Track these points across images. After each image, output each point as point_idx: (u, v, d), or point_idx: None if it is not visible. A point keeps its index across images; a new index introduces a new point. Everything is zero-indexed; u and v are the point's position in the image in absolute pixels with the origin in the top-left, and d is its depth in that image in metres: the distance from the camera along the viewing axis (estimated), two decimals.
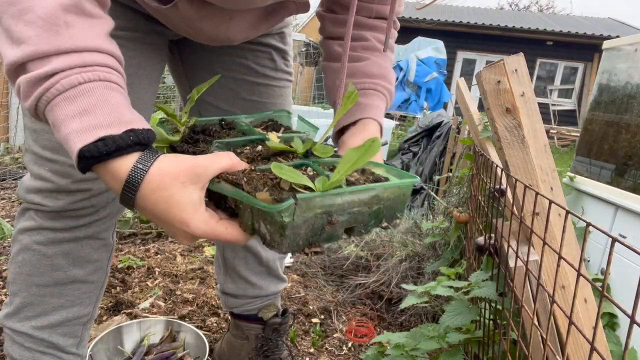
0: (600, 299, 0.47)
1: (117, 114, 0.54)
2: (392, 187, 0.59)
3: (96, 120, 0.52)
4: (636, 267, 1.47)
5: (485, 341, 1.03)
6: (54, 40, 0.53)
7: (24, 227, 0.96)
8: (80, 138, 0.51)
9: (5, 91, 3.94)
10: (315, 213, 0.53)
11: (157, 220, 0.55)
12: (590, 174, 2.04)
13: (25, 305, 0.98)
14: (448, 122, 4.47)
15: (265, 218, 0.52)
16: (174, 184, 0.53)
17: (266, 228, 0.53)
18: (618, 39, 2.11)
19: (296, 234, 0.52)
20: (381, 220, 0.59)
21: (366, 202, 0.57)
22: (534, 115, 0.78)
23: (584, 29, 12.92)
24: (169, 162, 0.54)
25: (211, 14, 0.84)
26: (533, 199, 0.73)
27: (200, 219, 0.53)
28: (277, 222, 0.51)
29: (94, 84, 0.54)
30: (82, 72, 0.53)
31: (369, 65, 0.90)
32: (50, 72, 0.52)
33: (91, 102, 0.53)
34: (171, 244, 2.39)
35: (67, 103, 0.52)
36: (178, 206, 0.52)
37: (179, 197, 0.52)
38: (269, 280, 1.31)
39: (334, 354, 1.60)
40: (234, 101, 1.11)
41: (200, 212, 0.53)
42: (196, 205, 0.53)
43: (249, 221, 0.55)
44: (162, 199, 0.52)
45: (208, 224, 0.53)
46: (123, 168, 0.53)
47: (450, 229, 1.90)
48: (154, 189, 0.52)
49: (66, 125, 0.52)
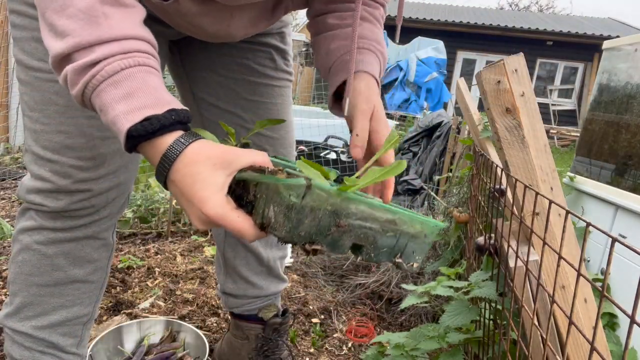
0: (600, 299, 0.47)
1: (158, 96, 0.58)
2: (413, 221, 0.57)
3: (140, 102, 0.57)
4: (636, 267, 1.47)
5: (485, 341, 1.03)
6: (95, 31, 0.57)
7: (24, 227, 0.96)
8: (128, 119, 0.56)
9: (5, 91, 3.94)
10: (325, 209, 0.52)
11: (180, 195, 0.57)
12: (590, 174, 2.04)
13: (26, 305, 0.98)
14: (448, 122, 4.47)
15: (274, 200, 0.52)
16: (206, 162, 0.56)
17: (273, 211, 0.53)
18: (618, 39, 2.11)
19: (300, 221, 0.52)
20: (395, 254, 0.57)
21: (380, 222, 0.55)
22: (534, 115, 0.78)
23: (584, 29, 12.92)
24: (206, 144, 0.58)
25: (212, 11, 0.84)
26: (533, 199, 0.73)
27: (218, 202, 0.55)
28: (285, 200, 0.51)
29: (135, 69, 0.58)
30: (123, 59, 0.57)
31: (362, 28, 0.89)
32: (94, 61, 0.57)
33: (133, 85, 0.57)
34: (171, 244, 2.39)
35: (112, 88, 0.57)
36: (202, 183, 0.55)
37: (206, 176, 0.55)
38: (270, 280, 1.31)
39: (334, 354, 1.60)
40: (235, 101, 1.11)
41: (220, 195, 0.56)
42: (218, 188, 0.55)
43: (261, 209, 0.54)
44: (190, 174, 0.56)
45: (223, 208, 0.55)
46: (163, 144, 0.57)
47: (450, 229, 1.91)
48: (186, 163, 0.56)
49: (113, 108, 0.56)
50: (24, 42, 0.84)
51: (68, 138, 0.86)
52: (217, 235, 1.31)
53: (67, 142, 0.87)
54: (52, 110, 0.85)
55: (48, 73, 0.83)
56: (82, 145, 0.87)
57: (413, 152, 4.79)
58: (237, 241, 1.26)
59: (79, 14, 0.57)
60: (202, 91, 1.12)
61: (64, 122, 0.86)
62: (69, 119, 0.86)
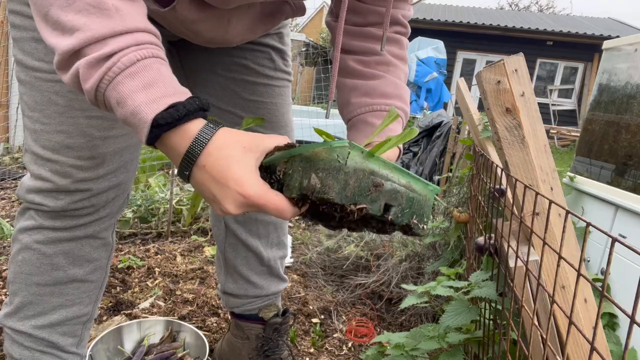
0: (600, 299, 0.47)
1: (175, 85, 0.59)
2: (421, 183, 0.61)
3: (161, 91, 0.56)
4: (636, 267, 1.47)
5: (485, 341, 1.03)
6: (108, 24, 0.56)
7: (24, 226, 0.96)
8: (152, 108, 0.55)
9: (5, 91, 3.94)
10: (364, 170, 0.55)
11: (211, 181, 0.57)
12: (590, 174, 2.04)
13: (25, 304, 0.98)
14: (448, 122, 4.47)
15: (317, 166, 0.55)
16: (237, 145, 0.57)
17: (317, 177, 0.55)
18: (618, 39, 2.11)
19: (346, 182, 0.54)
20: (413, 214, 0.60)
21: (403, 184, 0.58)
22: (534, 115, 0.78)
23: (584, 29, 12.91)
24: (232, 130, 0.59)
25: (209, 17, 0.84)
26: (533, 199, 0.73)
27: (257, 182, 0.56)
28: (332, 163, 0.54)
29: (150, 60, 0.58)
30: (137, 50, 0.57)
31: (385, 84, 0.89)
32: (110, 53, 0.55)
33: (151, 76, 0.57)
34: (171, 244, 2.39)
35: (130, 79, 0.56)
36: (239, 165, 0.56)
37: (240, 158, 0.56)
38: (270, 280, 1.31)
39: (334, 354, 1.60)
40: (235, 101, 1.11)
41: (257, 176, 0.57)
42: (253, 170, 0.57)
43: (297, 182, 0.56)
44: (224, 157, 0.56)
45: (262, 188, 0.56)
46: (192, 129, 0.57)
47: (450, 229, 1.91)
48: (219, 146, 0.56)
49: (133, 99, 0.56)
50: (23, 43, 0.84)
51: (68, 138, 0.86)
52: (218, 235, 1.31)
53: (67, 142, 0.87)
54: (52, 110, 0.85)
55: (48, 73, 0.83)
56: (82, 145, 0.87)
57: (413, 152, 4.79)
58: (238, 241, 1.26)
59: (88, 8, 0.56)
60: (202, 92, 1.12)
61: (63, 122, 0.86)
62: (69, 119, 0.86)
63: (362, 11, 0.90)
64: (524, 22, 13.43)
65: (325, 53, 6.96)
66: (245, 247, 1.26)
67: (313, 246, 2.47)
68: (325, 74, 5.69)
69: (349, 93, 0.90)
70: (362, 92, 0.88)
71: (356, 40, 0.91)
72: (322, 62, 8.92)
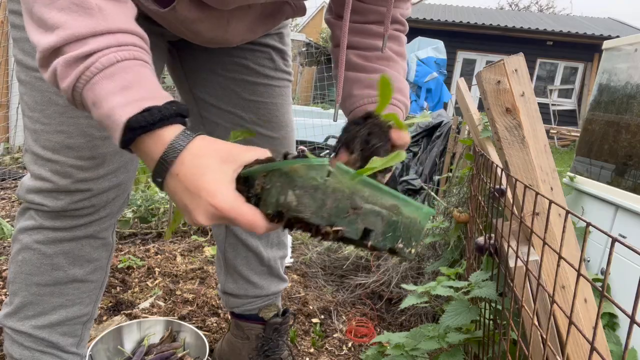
0: (600, 299, 0.47)
1: (154, 89, 0.57)
2: (412, 206, 0.58)
3: (137, 94, 0.55)
4: (636, 267, 1.47)
5: (485, 341, 1.03)
6: (89, 23, 0.55)
7: (24, 226, 0.96)
8: (126, 110, 0.53)
9: (5, 91, 3.94)
10: (344, 191, 0.53)
11: (183, 190, 0.55)
12: (590, 174, 2.04)
13: (25, 304, 0.98)
14: (448, 122, 4.46)
15: (295, 183, 0.53)
16: (214, 155, 0.55)
17: (294, 194, 0.53)
18: (618, 39, 2.11)
19: (324, 201, 0.52)
20: (397, 238, 0.57)
21: (387, 207, 0.56)
22: (534, 115, 0.78)
23: (584, 29, 12.91)
24: (210, 139, 0.57)
25: (209, 17, 0.84)
26: (533, 199, 0.73)
27: (230, 194, 0.53)
28: (309, 181, 0.52)
29: (130, 62, 0.56)
30: (118, 51, 0.56)
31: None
32: (88, 52, 0.54)
33: (129, 78, 0.55)
34: (171, 244, 2.39)
35: (107, 80, 0.55)
36: (213, 175, 0.53)
37: (216, 168, 0.54)
38: (270, 280, 1.31)
39: (334, 354, 1.60)
40: (235, 101, 1.11)
41: (231, 188, 0.54)
42: (228, 181, 0.54)
43: (274, 198, 0.54)
44: (198, 166, 0.54)
45: (235, 200, 0.53)
46: (167, 135, 0.55)
47: (450, 229, 1.91)
48: (194, 155, 0.54)
49: (108, 100, 0.54)
50: (23, 43, 0.84)
51: (68, 138, 0.86)
52: (218, 235, 1.31)
53: (67, 142, 0.87)
54: (52, 110, 0.85)
55: None
56: (82, 145, 0.87)
57: (413, 152, 4.78)
58: (238, 241, 1.26)
59: (71, 6, 0.55)
60: (202, 92, 1.12)
61: (64, 122, 0.86)
62: (69, 119, 0.86)
63: (362, 11, 0.91)
64: (524, 22, 13.43)
65: (326, 53, 6.96)
66: (245, 247, 1.26)
67: (313, 246, 2.47)
68: (326, 73, 5.69)
69: (352, 85, 0.90)
70: (365, 84, 0.89)
71: (357, 36, 0.91)
72: (323, 62, 8.93)
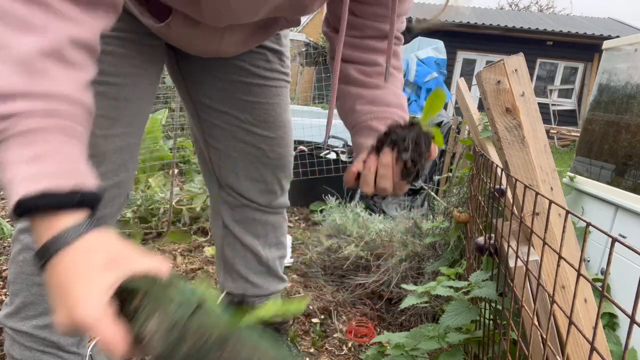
0: (600, 299, 0.47)
1: (68, 165, 0.52)
2: None
3: (46, 169, 0.50)
4: (636, 267, 1.47)
5: (485, 341, 1.03)
6: (25, 83, 0.51)
7: (25, 226, 0.96)
8: (24, 186, 0.49)
9: None
10: (211, 335, 0.48)
11: (55, 285, 0.50)
12: (590, 174, 2.04)
13: (26, 304, 0.98)
14: (448, 122, 4.47)
15: (159, 312, 0.48)
16: (98, 257, 0.50)
17: (155, 323, 0.47)
18: (618, 39, 2.11)
19: (180, 340, 0.47)
20: None
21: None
22: (534, 115, 0.78)
23: (584, 29, 12.91)
24: (106, 237, 0.53)
25: (202, 32, 0.86)
26: (533, 199, 0.73)
27: (95, 307, 0.47)
28: (169, 315, 0.47)
29: (52, 135, 0.52)
30: (43, 118, 0.51)
31: (388, 94, 0.92)
32: (11, 113, 0.50)
33: (45, 149, 0.51)
34: (171, 244, 2.39)
35: (20, 147, 0.50)
36: (85, 281, 0.48)
37: (93, 273, 0.49)
38: (269, 279, 1.31)
39: (334, 354, 1.60)
40: (231, 102, 1.11)
41: (101, 300, 0.48)
42: (100, 291, 0.48)
43: (141, 320, 0.48)
44: (74, 268, 0.49)
45: (98, 315, 0.47)
46: (59, 224, 0.50)
47: (450, 229, 1.90)
48: (80, 252, 0.50)
49: (12, 169, 0.50)
50: None
51: None
52: (216, 235, 1.31)
53: None
54: None
55: None
56: None
57: None
58: (236, 240, 1.26)
59: (10, 61, 0.51)
60: (198, 93, 1.12)
61: None
62: None
63: (359, 26, 0.92)
64: (524, 22, 13.43)
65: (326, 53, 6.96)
66: (243, 246, 1.26)
67: (313, 246, 2.47)
68: (326, 73, 5.69)
69: (354, 101, 0.92)
70: (367, 100, 0.91)
71: (357, 51, 0.93)
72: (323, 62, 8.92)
